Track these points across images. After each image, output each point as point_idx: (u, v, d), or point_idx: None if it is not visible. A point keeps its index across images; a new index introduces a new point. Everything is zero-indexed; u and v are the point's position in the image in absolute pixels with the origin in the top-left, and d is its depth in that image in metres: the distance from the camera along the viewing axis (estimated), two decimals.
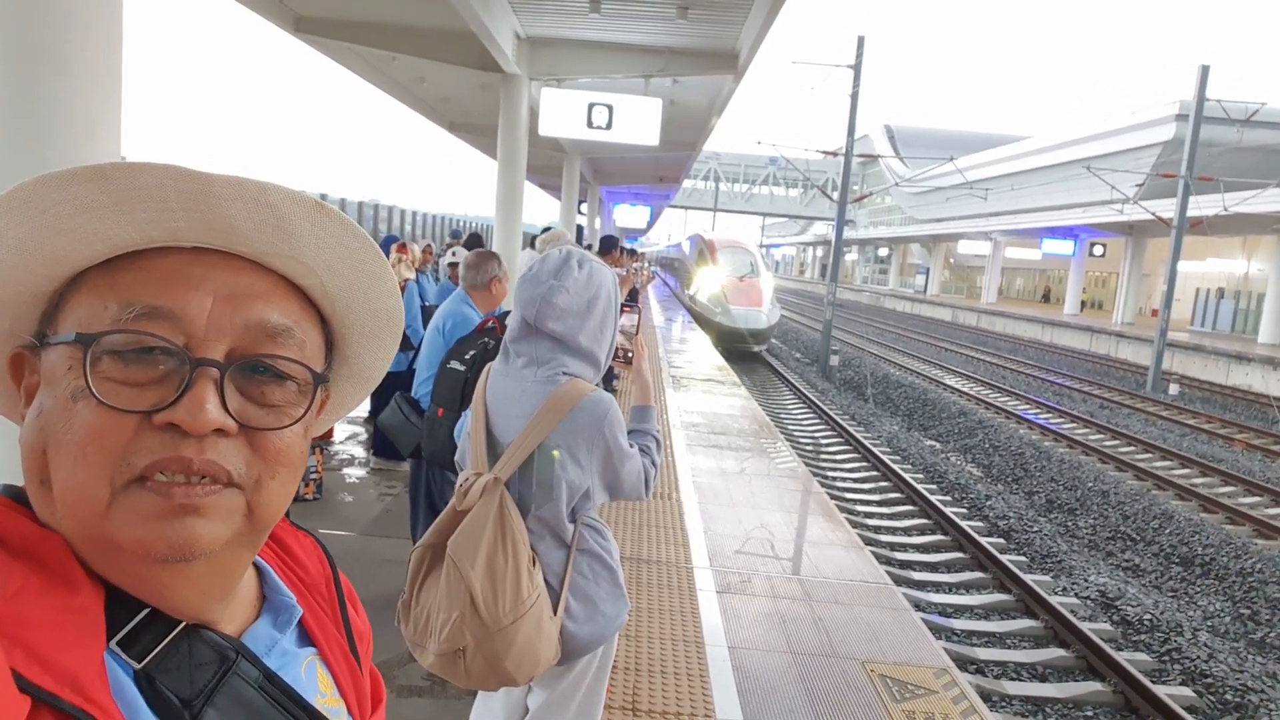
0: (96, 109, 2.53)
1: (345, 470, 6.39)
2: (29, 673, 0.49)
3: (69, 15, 2.52)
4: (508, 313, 2.80)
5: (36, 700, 0.49)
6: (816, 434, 13.69)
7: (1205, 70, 19.87)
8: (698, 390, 11.09)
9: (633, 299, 7.07)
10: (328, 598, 0.76)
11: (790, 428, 13.97)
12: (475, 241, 9.17)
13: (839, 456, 12.15)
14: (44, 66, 2.40)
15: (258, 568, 0.69)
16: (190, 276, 0.59)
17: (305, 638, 0.71)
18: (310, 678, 0.69)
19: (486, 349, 3.09)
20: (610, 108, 10.86)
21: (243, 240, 0.61)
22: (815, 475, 7.36)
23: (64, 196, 0.57)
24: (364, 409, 7.96)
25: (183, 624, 0.60)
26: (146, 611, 0.58)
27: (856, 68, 21.45)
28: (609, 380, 6.53)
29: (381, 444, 6.51)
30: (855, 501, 9.78)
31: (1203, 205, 22.25)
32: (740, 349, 22.11)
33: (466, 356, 3.16)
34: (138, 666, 0.57)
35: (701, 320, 23.59)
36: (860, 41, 21.93)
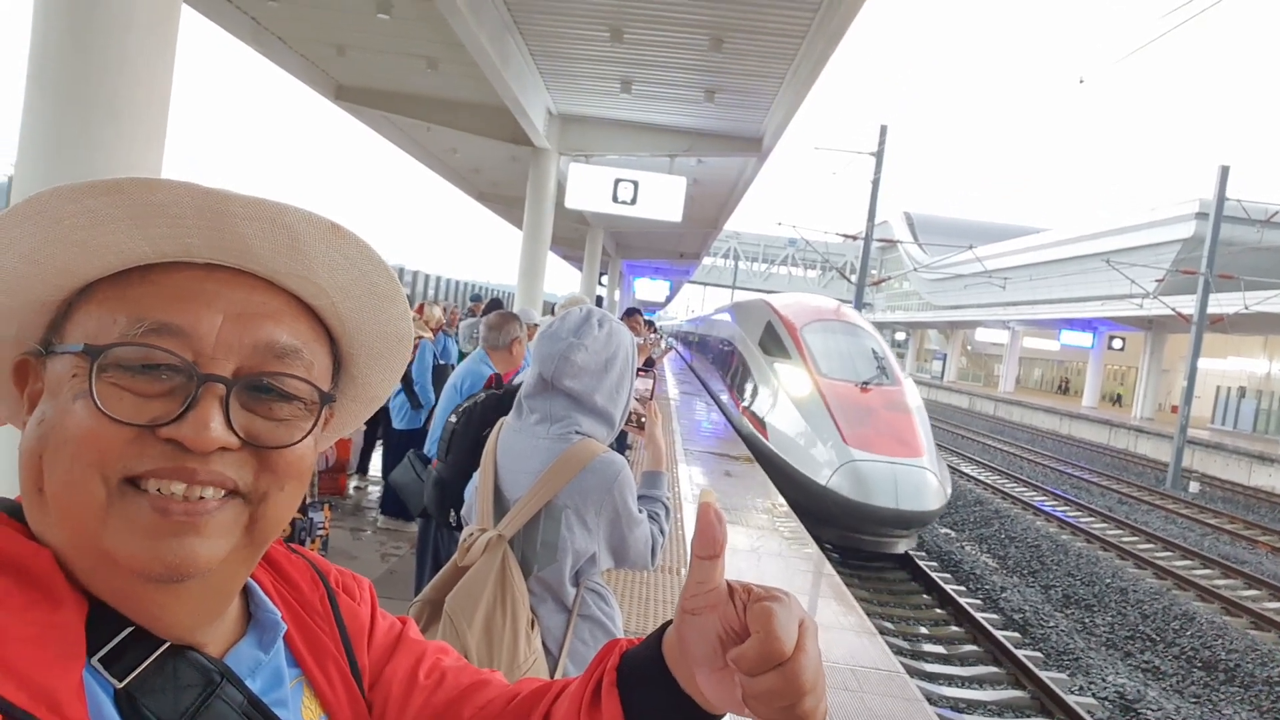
0: (139, 154, 2.63)
1: (352, 528, 6.34)
2: (3, 689, 0.48)
3: (123, 66, 2.64)
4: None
5: (10, 718, 0.48)
6: None
7: (1225, 170, 20.11)
8: (710, 463, 11.01)
9: (649, 365, 7.10)
10: (324, 615, 0.74)
11: None
12: (496, 306, 9.27)
13: None
14: (95, 112, 2.51)
15: (244, 585, 0.68)
16: (202, 293, 0.59)
17: (292, 659, 0.70)
18: (294, 702, 0.67)
19: (476, 403, 3.08)
20: (635, 184, 11.09)
21: (257, 259, 0.60)
22: (828, 556, 7.20)
23: (78, 209, 0.57)
24: (376, 467, 7.96)
25: (167, 644, 0.59)
26: (130, 630, 0.57)
27: (878, 155, 21.91)
28: (622, 444, 6.48)
29: (389, 502, 6.48)
30: (867, 585, 9.57)
31: (1223, 303, 22.23)
32: (865, 544, 10.32)
33: (460, 409, 3.16)
34: (119, 686, 0.55)
35: (775, 470, 11.00)
36: (883, 130, 22.44)
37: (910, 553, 10.45)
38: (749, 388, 14.07)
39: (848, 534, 10.29)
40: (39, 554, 0.56)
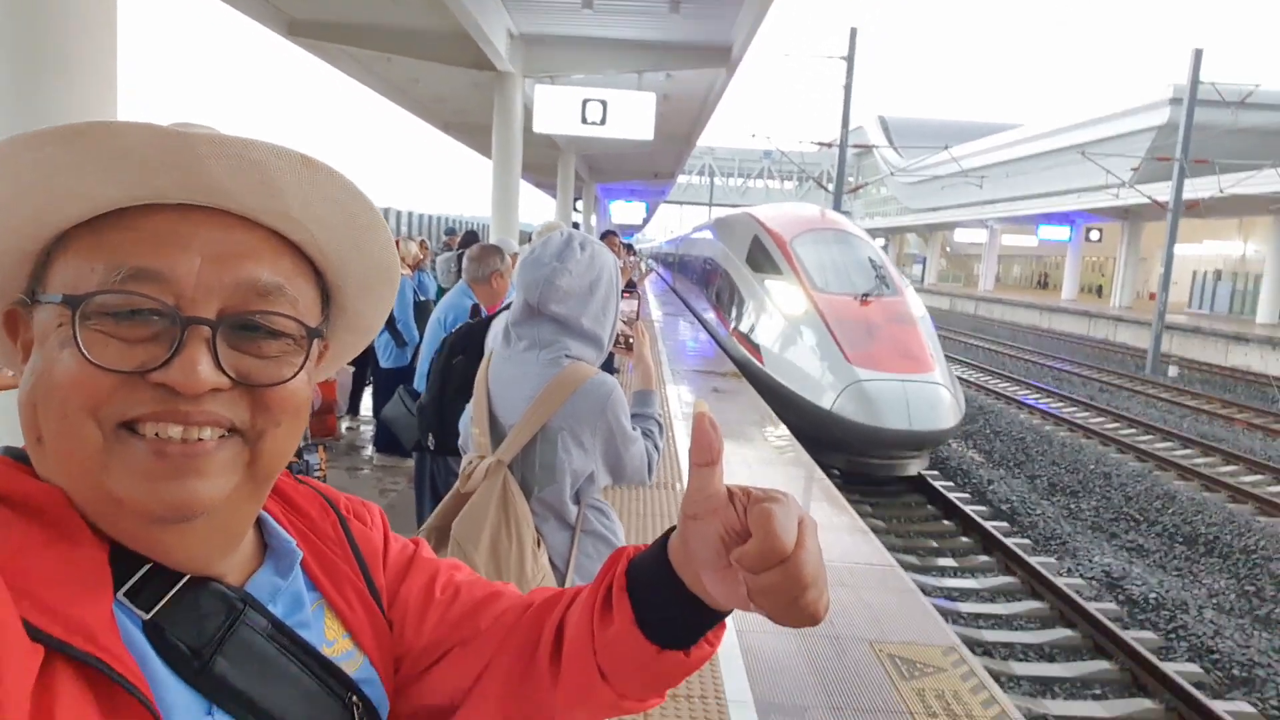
0: (93, 108, 2.57)
1: (348, 467, 6.41)
2: (40, 622, 0.50)
3: (66, 18, 2.55)
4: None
5: (49, 649, 0.49)
6: None
7: (1199, 54, 19.86)
8: (697, 381, 11.12)
9: (631, 287, 7.10)
10: (338, 541, 0.76)
11: None
12: (471, 239, 9.18)
13: None
14: (44, 67, 2.44)
15: (257, 517, 0.69)
16: (177, 236, 0.58)
17: (311, 584, 0.71)
18: (317, 624, 0.69)
19: (450, 334, 3.21)
20: (604, 103, 10.87)
21: (229, 198, 0.59)
22: (833, 480, 7.28)
23: (40, 156, 0.56)
24: (367, 406, 8.00)
25: (186, 577, 0.60)
26: (149, 566, 0.59)
27: (849, 59, 21.46)
28: (609, 366, 6.56)
29: (383, 439, 6.53)
30: (856, 488, 9.80)
31: (1199, 188, 22.26)
32: (875, 469, 9.75)
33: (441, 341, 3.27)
34: (146, 617, 0.57)
35: (773, 395, 10.43)
36: (853, 33, 21.92)
37: (923, 474, 10.13)
38: (738, 309, 13.23)
39: (856, 459, 9.74)
40: (51, 493, 0.57)
